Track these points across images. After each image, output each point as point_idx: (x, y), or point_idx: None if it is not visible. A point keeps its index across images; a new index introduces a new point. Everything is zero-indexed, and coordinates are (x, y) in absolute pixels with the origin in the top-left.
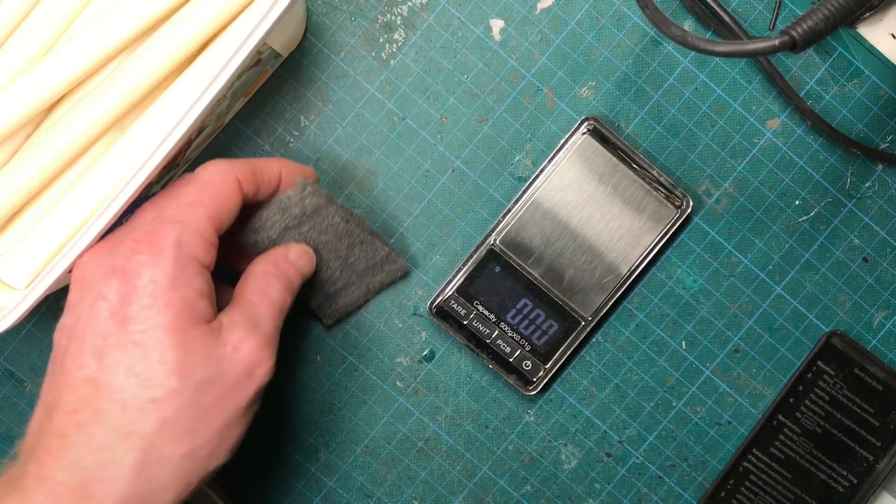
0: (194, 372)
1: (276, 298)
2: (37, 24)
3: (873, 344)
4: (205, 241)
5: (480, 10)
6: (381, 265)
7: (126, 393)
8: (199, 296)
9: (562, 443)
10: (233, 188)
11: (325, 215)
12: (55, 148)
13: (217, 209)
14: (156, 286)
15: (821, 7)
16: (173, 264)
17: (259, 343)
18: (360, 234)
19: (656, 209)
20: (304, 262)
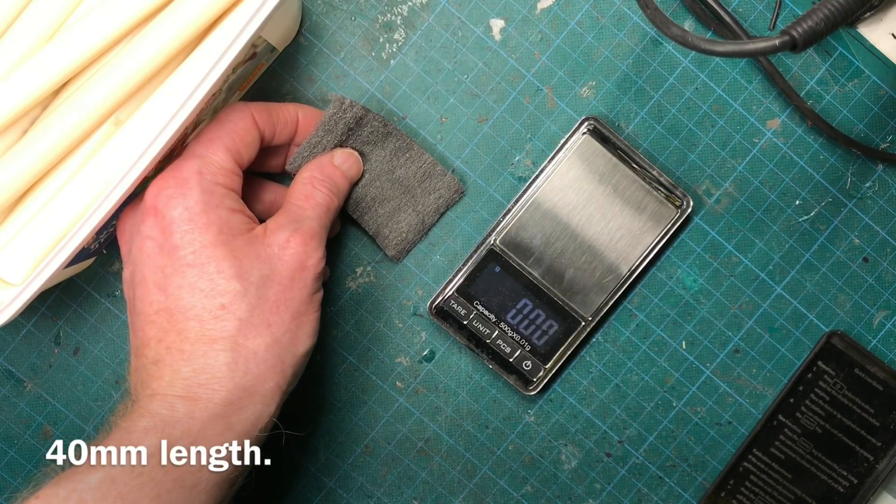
0: (251, 273)
1: (321, 200)
2: (37, 13)
3: (873, 344)
4: (224, 169)
5: (480, 10)
6: (429, 180)
7: (197, 308)
8: (232, 212)
9: (562, 443)
10: (248, 122)
11: (365, 123)
12: (49, 139)
13: (233, 140)
14: (190, 212)
15: (821, 7)
16: (199, 190)
17: (303, 239)
18: (402, 140)
19: (656, 209)
20: (349, 164)
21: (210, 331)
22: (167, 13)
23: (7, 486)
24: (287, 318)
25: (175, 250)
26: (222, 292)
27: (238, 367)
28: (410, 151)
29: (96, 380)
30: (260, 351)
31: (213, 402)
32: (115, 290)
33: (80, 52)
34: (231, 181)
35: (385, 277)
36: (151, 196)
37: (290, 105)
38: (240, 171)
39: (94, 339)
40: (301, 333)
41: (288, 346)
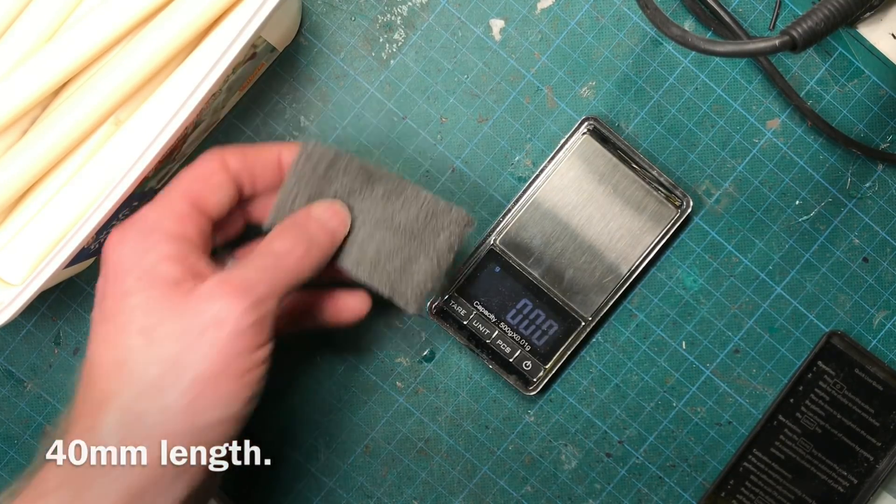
0: (156, 328)
1: (281, 248)
2: (37, 13)
3: (873, 344)
4: (174, 213)
5: (480, 10)
6: (434, 219)
7: (101, 360)
8: (163, 259)
9: (562, 443)
10: (215, 164)
11: (341, 168)
12: (49, 139)
13: (193, 182)
14: (119, 258)
15: (821, 7)
16: (136, 236)
17: (228, 289)
18: (391, 182)
19: (656, 209)
20: (329, 215)
21: (108, 389)
22: (167, 13)
23: (7, 486)
24: (189, 378)
25: (103, 300)
26: (124, 347)
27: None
28: (404, 193)
29: None
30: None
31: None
32: None
33: (80, 52)
34: (181, 226)
35: None
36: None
37: (271, 145)
38: (200, 216)
39: None
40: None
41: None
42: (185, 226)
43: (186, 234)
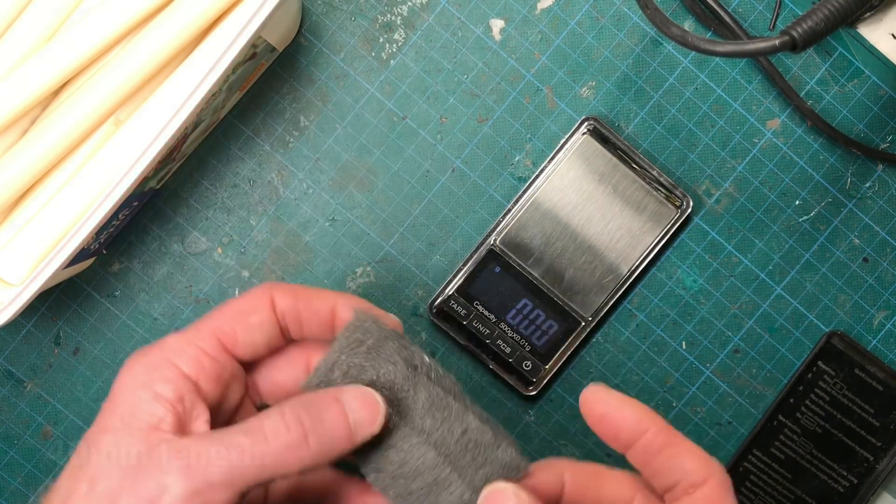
0: (101, 481)
1: (269, 428)
2: (37, 13)
3: (873, 344)
4: (195, 349)
5: (480, 10)
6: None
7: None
8: (154, 399)
9: (562, 443)
10: (260, 301)
11: (390, 351)
12: (49, 139)
13: (230, 322)
14: (119, 386)
15: (821, 7)
16: (144, 366)
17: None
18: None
19: (656, 209)
20: (359, 405)
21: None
22: (167, 13)
23: (7, 486)
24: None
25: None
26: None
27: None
28: (449, 408)
29: (96, 380)
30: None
31: None
32: (115, 291)
33: (80, 52)
34: (196, 367)
35: (385, 277)
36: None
37: (327, 293)
38: (224, 356)
39: (94, 339)
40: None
41: None
42: (201, 367)
43: (199, 377)
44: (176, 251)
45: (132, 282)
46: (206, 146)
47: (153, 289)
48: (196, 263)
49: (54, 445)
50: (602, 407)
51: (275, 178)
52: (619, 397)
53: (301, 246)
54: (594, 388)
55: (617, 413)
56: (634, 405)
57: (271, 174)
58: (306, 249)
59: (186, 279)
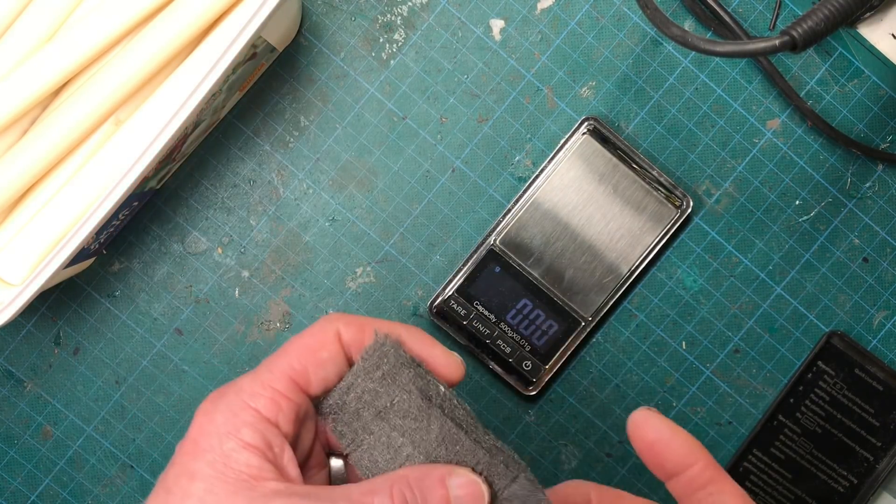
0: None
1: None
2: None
3: (873, 344)
4: (273, 392)
5: (480, 10)
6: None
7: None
8: (244, 447)
9: (562, 443)
10: (325, 338)
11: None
12: (49, 139)
13: (299, 358)
14: (200, 432)
15: (821, 7)
16: (224, 412)
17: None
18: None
19: (656, 209)
20: (464, 495)
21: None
22: (167, 13)
23: (7, 486)
24: None
25: (170, 467)
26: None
27: None
28: (460, 443)
29: (96, 380)
30: None
31: None
32: (115, 291)
33: (80, 53)
34: (275, 409)
35: (385, 277)
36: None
37: (395, 325)
38: (301, 397)
39: (94, 339)
40: None
41: None
42: (280, 408)
43: (280, 419)
44: (176, 251)
45: (132, 282)
46: (206, 146)
47: (153, 289)
48: (196, 263)
49: (54, 445)
50: (653, 434)
51: (275, 178)
52: (671, 426)
53: (301, 246)
54: (646, 414)
55: (668, 442)
56: (686, 437)
57: (271, 174)
58: (306, 249)
59: (186, 279)
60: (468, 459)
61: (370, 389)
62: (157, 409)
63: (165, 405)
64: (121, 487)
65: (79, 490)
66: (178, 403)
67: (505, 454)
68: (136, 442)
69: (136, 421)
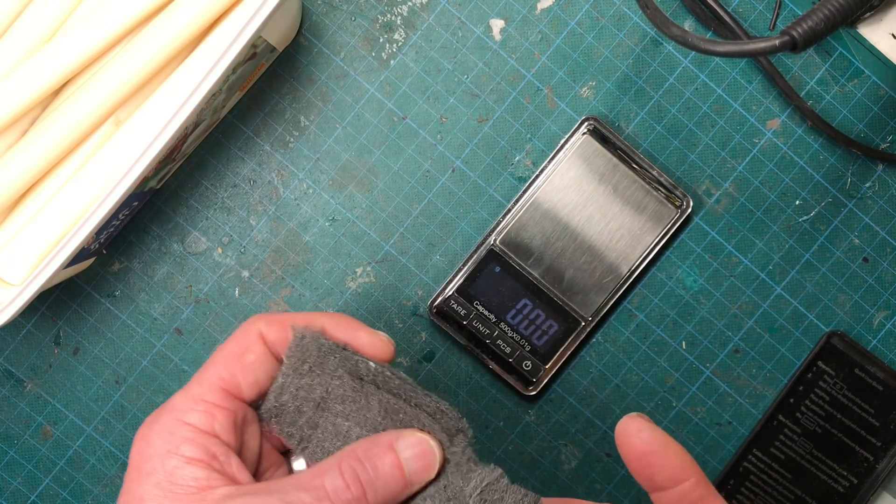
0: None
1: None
2: (37, 13)
3: (873, 344)
4: (203, 404)
5: (480, 10)
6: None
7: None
8: (187, 462)
9: (562, 443)
10: (248, 341)
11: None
12: (49, 139)
13: (228, 368)
14: (141, 457)
15: (821, 7)
16: (161, 433)
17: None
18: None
19: (656, 209)
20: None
21: None
22: (167, 13)
23: (7, 486)
24: None
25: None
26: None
27: None
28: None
29: (96, 380)
30: None
31: None
32: (115, 291)
33: (80, 52)
34: (209, 420)
35: (385, 277)
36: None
37: (315, 315)
38: (234, 403)
39: (94, 339)
40: None
41: None
42: (215, 419)
43: (216, 429)
44: (176, 251)
45: (132, 282)
46: (206, 146)
47: (153, 289)
48: (196, 263)
49: (54, 445)
50: (644, 445)
51: (275, 178)
52: (663, 438)
53: (301, 246)
54: (638, 423)
55: (660, 455)
56: (679, 450)
57: (271, 174)
58: (306, 249)
59: (186, 279)
60: (413, 424)
61: (303, 385)
62: None
63: None
64: (121, 487)
65: (79, 490)
66: None
67: (447, 415)
68: None
69: (136, 421)
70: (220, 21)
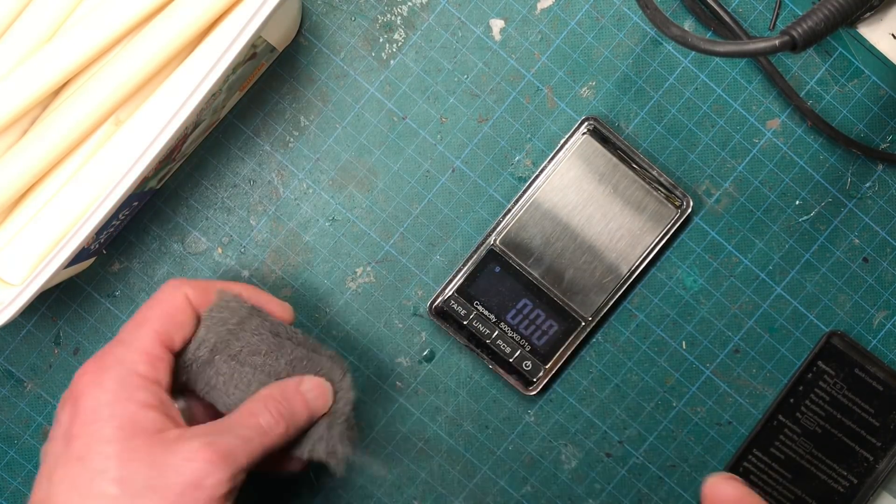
0: (135, 479)
1: (265, 422)
2: (37, 13)
3: (873, 344)
4: (149, 356)
5: (480, 10)
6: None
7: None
8: (143, 407)
9: (562, 443)
10: (179, 303)
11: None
12: (49, 139)
13: (163, 325)
14: (97, 402)
15: (821, 7)
16: (114, 380)
17: (212, 455)
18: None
19: (656, 209)
20: (316, 394)
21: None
22: (167, 13)
23: (7, 486)
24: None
25: (71, 440)
26: (96, 494)
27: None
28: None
29: None
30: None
31: None
32: (115, 291)
33: (81, 52)
34: (153, 369)
35: (385, 277)
36: (75, 383)
37: (233, 284)
38: (169, 356)
39: (94, 339)
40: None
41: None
42: (159, 369)
43: (160, 378)
44: (176, 251)
45: (132, 282)
46: (206, 146)
47: (153, 289)
48: (196, 263)
49: None
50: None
51: (275, 178)
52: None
53: (301, 246)
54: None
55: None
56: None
57: (271, 174)
58: (306, 249)
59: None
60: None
61: (222, 339)
62: None
63: None
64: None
65: None
66: None
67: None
68: None
69: None
70: (220, 21)
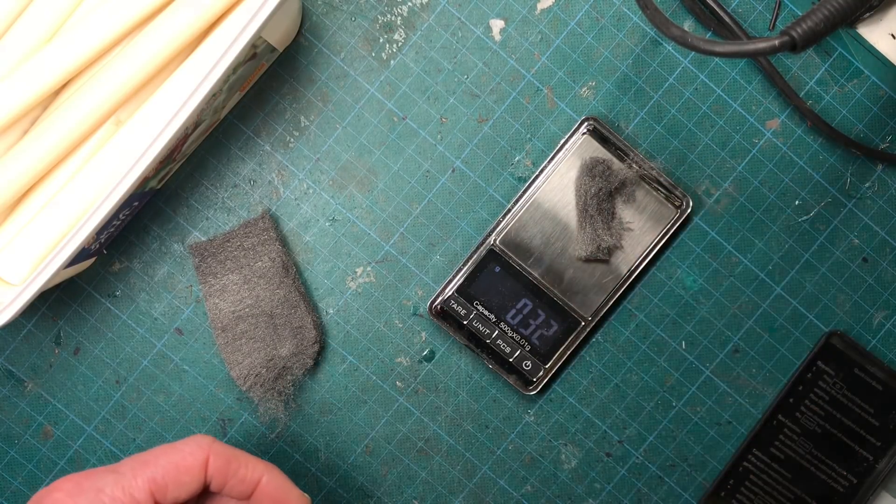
0: None
1: None
2: (37, 14)
3: (873, 344)
4: (129, 498)
5: (480, 10)
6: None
7: None
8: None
9: (562, 443)
10: (194, 462)
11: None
12: (50, 140)
13: (164, 475)
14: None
15: (821, 7)
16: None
17: None
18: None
19: (656, 209)
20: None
21: None
22: (167, 14)
23: (7, 486)
24: None
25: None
26: None
27: None
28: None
29: (96, 380)
30: None
31: None
32: (115, 291)
33: (81, 53)
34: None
35: (385, 277)
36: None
37: (259, 463)
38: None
39: (95, 339)
40: None
41: None
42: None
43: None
44: (176, 251)
45: (132, 282)
46: (206, 146)
47: (153, 289)
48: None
49: (55, 445)
50: None
51: (275, 178)
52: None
53: (301, 246)
54: None
55: None
56: None
57: (271, 174)
58: (306, 249)
59: (187, 279)
60: (302, 320)
61: (247, 247)
62: (157, 409)
63: (166, 405)
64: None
65: None
66: (179, 403)
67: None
68: (136, 442)
69: (136, 420)
70: (220, 21)
